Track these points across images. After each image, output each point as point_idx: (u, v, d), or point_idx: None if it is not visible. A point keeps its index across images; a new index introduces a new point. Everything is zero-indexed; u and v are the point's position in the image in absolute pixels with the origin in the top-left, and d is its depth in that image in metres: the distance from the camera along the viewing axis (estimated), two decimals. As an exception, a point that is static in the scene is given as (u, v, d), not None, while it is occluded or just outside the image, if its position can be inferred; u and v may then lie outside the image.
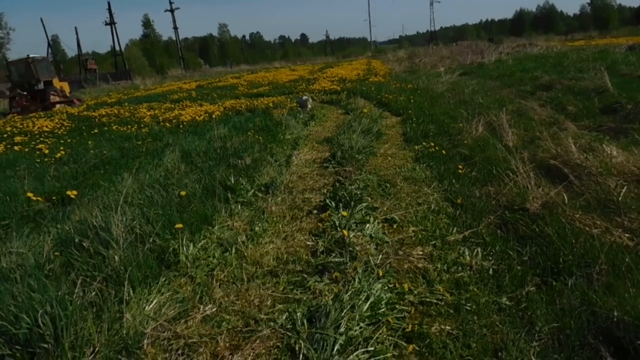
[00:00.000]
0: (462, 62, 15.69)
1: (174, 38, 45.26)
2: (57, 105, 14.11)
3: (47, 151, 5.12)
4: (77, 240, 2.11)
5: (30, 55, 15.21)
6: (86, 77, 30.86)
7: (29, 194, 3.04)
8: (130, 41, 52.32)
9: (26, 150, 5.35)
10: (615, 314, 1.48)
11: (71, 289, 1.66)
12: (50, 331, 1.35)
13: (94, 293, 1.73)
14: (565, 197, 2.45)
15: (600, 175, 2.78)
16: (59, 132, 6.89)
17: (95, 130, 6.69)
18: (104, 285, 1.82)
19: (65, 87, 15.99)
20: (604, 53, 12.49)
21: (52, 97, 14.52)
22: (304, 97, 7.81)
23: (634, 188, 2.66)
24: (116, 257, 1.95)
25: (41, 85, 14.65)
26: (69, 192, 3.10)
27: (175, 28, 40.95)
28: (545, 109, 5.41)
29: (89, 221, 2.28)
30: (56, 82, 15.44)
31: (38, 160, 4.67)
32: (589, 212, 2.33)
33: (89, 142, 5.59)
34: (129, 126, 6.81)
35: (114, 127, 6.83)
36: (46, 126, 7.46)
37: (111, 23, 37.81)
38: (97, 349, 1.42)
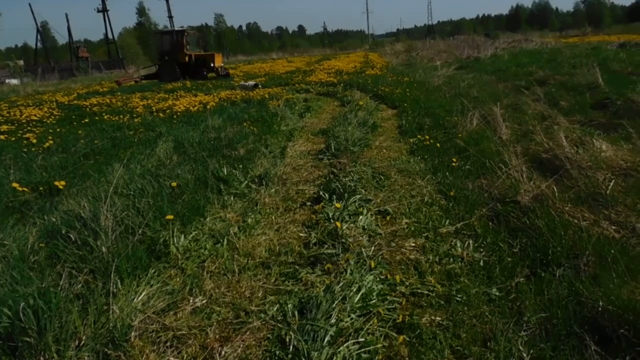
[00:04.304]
0: (459, 56, 15.65)
1: (169, 27, 44.24)
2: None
3: (34, 140, 4.98)
4: (63, 231, 2.06)
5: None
6: (78, 65, 30.10)
7: (15, 184, 2.96)
8: (124, 29, 51.14)
9: (13, 139, 5.21)
10: (601, 304, 1.51)
11: (56, 281, 1.63)
12: (33, 324, 1.32)
13: (80, 285, 1.70)
14: (556, 190, 2.47)
15: (590, 168, 2.81)
16: (48, 121, 6.71)
17: (86, 120, 6.54)
18: (91, 277, 1.79)
19: (208, 58, 15.53)
20: (597, 50, 12.55)
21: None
22: (250, 83, 9.74)
23: (622, 181, 2.69)
24: (104, 249, 1.92)
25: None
26: (56, 183, 3.03)
27: (170, 17, 40.03)
28: (538, 104, 5.42)
29: (76, 212, 2.23)
30: (181, 57, 15.08)
31: (25, 150, 4.55)
32: (578, 205, 2.35)
33: (79, 132, 5.46)
34: (121, 116, 6.67)
35: (105, 117, 6.68)
36: (34, 115, 7.26)
37: (104, 10, 36.81)
38: (82, 342, 1.39)
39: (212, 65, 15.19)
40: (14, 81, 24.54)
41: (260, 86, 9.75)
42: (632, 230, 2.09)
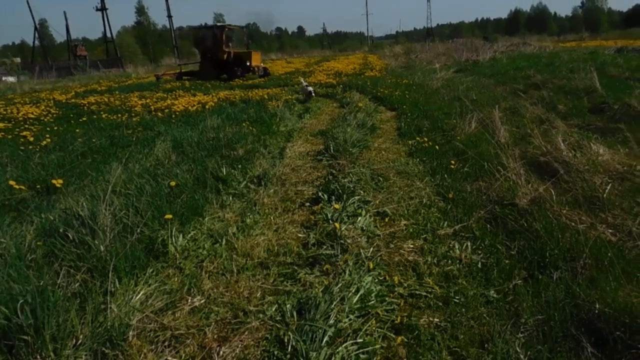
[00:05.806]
0: (458, 59, 15.74)
1: (168, 26, 44.28)
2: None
3: (32, 138, 4.95)
4: (61, 229, 2.05)
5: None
6: (76, 64, 29.95)
7: (11, 182, 2.94)
8: (122, 28, 51.07)
9: (9, 137, 5.17)
10: (597, 306, 1.52)
11: (54, 280, 1.62)
12: (31, 322, 1.31)
13: (78, 284, 1.69)
14: (553, 193, 2.49)
15: (587, 172, 2.84)
16: (46, 120, 6.68)
17: (84, 118, 6.51)
18: (88, 276, 1.78)
19: (244, 56, 14.01)
20: (594, 54, 12.67)
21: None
22: (309, 88, 7.81)
23: (618, 185, 2.72)
24: (102, 248, 1.91)
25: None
26: (54, 181, 3.01)
27: (170, 16, 39.97)
28: (536, 107, 5.46)
29: (74, 210, 2.21)
30: (220, 54, 13.64)
31: (22, 148, 4.52)
32: (575, 208, 2.37)
33: (77, 130, 5.44)
34: (119, 115, 6.65)
35: (103, 116, 6.65)
36: (32, 113, 7.22)
37: (102, 9, 36.72)
38: (80, 341, 1.39)
39: (247, 64, 13.71)
40: (11, 79, 24.38)
41: (313, 95, 7.72)
42: (629, 234, 2.10)
